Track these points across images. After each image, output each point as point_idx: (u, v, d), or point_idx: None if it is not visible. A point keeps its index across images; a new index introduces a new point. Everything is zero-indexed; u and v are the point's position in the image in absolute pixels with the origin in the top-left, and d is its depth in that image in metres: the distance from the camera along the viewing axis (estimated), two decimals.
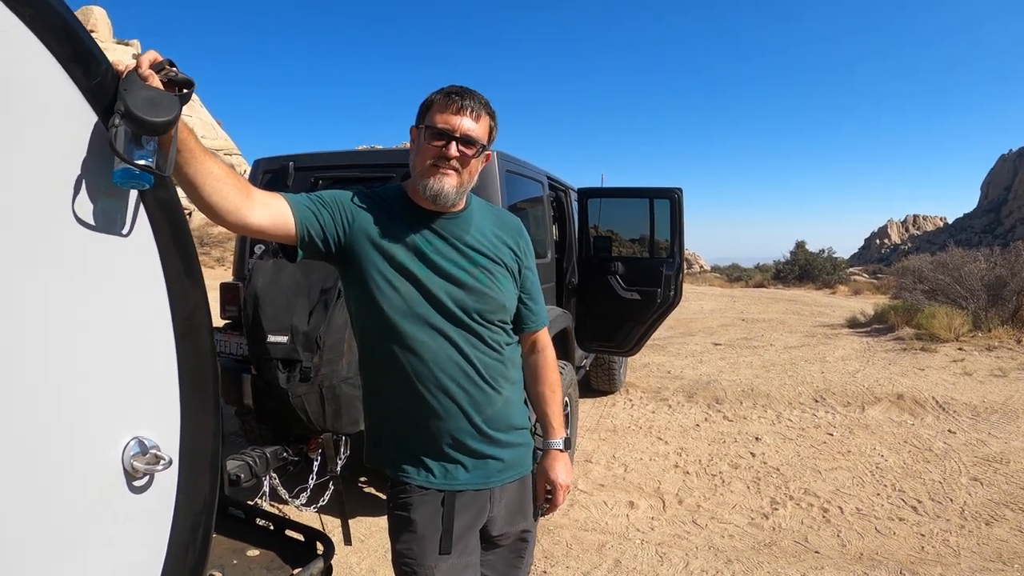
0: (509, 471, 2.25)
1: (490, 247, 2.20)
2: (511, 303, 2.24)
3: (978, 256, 16.73)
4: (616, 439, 7.16)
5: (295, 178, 5.39)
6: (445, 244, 2.13)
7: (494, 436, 2.18)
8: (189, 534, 1.64)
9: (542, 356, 2.44)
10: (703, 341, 13.97)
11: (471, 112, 2.06)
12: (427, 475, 2.13)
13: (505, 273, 2.22)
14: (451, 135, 2.03)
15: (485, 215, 2.27)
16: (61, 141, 1.32)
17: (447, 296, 2.08)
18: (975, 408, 8.15)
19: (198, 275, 1.61)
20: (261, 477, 3.96)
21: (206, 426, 1.65)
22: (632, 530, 5.01)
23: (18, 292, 1.24)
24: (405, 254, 2.08)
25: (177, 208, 1.56)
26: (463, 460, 2.15)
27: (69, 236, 1.33)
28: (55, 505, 1.34)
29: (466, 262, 2.13)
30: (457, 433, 2.12)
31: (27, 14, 1.23)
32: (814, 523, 5.10)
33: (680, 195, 7.14)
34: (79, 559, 1.40)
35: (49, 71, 1.28)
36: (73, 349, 1.35)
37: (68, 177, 1.33)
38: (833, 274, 36.58)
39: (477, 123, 2.08)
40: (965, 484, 5.85)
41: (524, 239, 2.35)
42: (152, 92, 1.46)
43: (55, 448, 1.33)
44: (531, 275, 2.35)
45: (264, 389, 3.99)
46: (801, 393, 9.03)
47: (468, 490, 2.16)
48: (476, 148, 2.08)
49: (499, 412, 2.18)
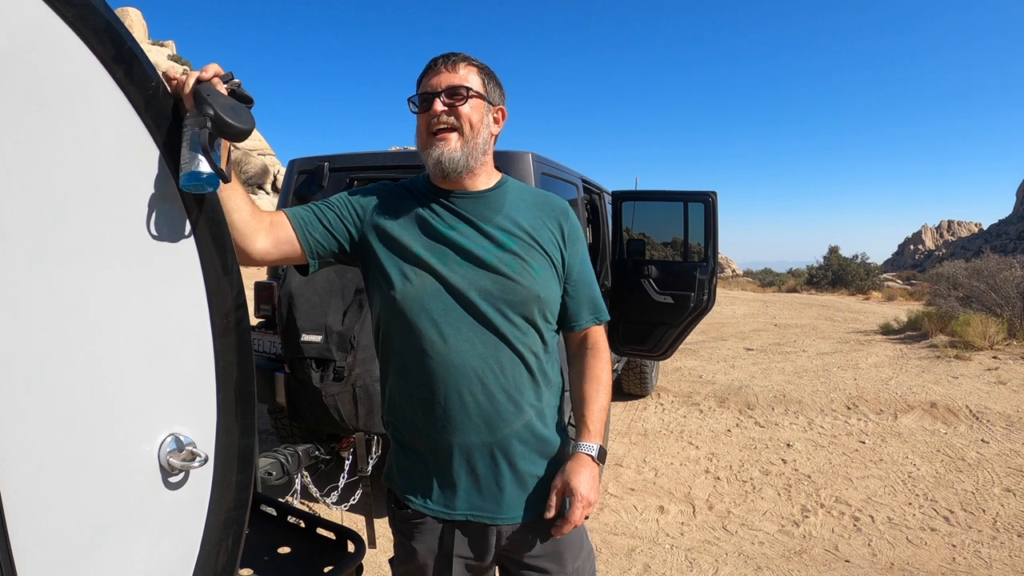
0: (530, 507, 1.96)
1: (524, 229, 1.98)
2: (547, 294, 1.96)
3: (1013, 263, 16.48)
4: (647, 443, 7.13)
5: (330, 179, 5.43)
6: (469, 227, 1.95)
7: (511, 461, 1.93)
8: (222, 530, 1.65)
9: (591, 353, 2.10)
10: (735, 346, 13.87)
11: (447, 66, 1.93)
12: (425, 500, 1.95)
13: (543, 259, 1.97)
14: (433, 93, 1.91)
15: (522, 195, 2.07)
16: (102, 141, 1.34)
17: (469, 285, 1.88)
18: (1009, 418, 8.03)
19: (236, 272, 1.63)
20: (293, 475, 3.99)
21: (241, 423, 1.66)
22: (662, 535, 4.99)
23: (62, 290, 1.26)
24: (422, 242, 1.93)
25: (215, 206, 1.57)
26: (468, 486, 1.92)
27: (111, 235, 1.35)
28: (92, 500, 1.35)
29: (492, 246, 1.93)
30: (464, 452, 1.90)
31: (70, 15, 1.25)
32: (845, 532, 5.05)
33: (715, 199, 7.11)
34: (115, 554, 1.41)
35: (93, 72, 1.30)
36: (113, 346, 1.37)
37: (110, 176, 1.35)
38: (866, 280, 36.31)
39: (457, 73, 1.93)
40: (998, 495, 5.77)
41: (570, 222, 2.09)
42: (231, 100, 1.50)
43: (94, 443, 1.34)
44: (580, 263, 2.09)
45: (297, 388, 4.03)
46: (833, 400, 8.94)
47: (472, 522, 1.94)
48: (461, 96, 1.91)
49: (518, 433, 1.92)
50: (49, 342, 1.25)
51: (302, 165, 5.67)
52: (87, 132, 1.30)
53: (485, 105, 1.98)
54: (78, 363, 1.30)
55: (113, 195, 1.35)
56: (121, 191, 1.37)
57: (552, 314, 2.02)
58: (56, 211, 1.25)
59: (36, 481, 1.24)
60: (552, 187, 5.37)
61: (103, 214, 1.33)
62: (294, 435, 5.56)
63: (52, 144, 1.24)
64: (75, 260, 1.28)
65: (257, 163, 39.66)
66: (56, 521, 1.29)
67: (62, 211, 1.26)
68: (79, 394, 1.31)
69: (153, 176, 1.43)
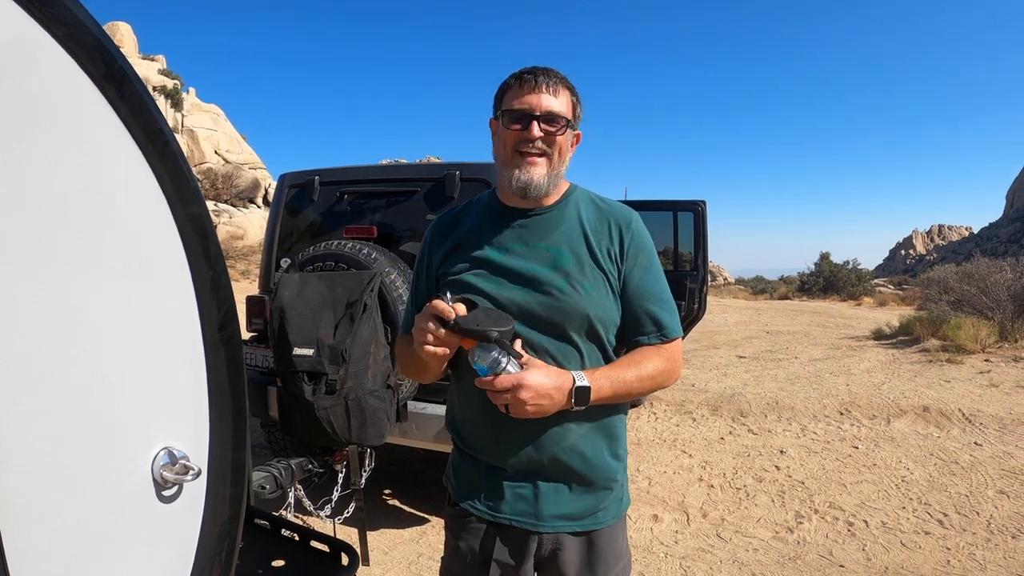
0: (573, 521, 1.97)
1: (580, 244, 1.94)
2: (599, 311, 1.92)
3: (1004, 266, 16.55)
4: (640, 452, 7.14)
5: (321, 192, 5.45)
6: (525, 247, 1.94)
7: (557, 476, 1.95)
8: (216, 543, 1.65)
9: (651, 349, 1.98)
10: (727, 354, 13.90)
11: (548, 87, 1.87)
12: (473, 500, 2.00)
13: (597, 275, 1.93)
14: (531, 114, 1.85)
15: (585, 208, 2.02)
16: (92, 159, 1.35)
17: (517, 309, 1.88)
18: (1002, 420, 8.06)
19: (227, 287, 1.64)
20: (286, 488, 3.99)
21: (234, 437, 1.67)
22: (656, 544, 5.00)
23: (53, 307, 1.27)
24: (475, 271, 1.94)
25: (207, 222, 1.59)
26: (515, 494, 1.95)
27: (103, 251, 1.36)
28: (86, 514, 1.36)
29: (543, 267, 1.91)
30: (514, 467, 1.94)
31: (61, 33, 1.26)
32: (839, 537, 5.07)
33: (704, 208, 7.14)
34: (109, 568, 1.42)
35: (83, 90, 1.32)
36: (106, 361, 1.38)
37: (100, 194, 1.36)
38: (858, 286, 36.41)
39: (557, 97, 1.88)
40: (991, 497, 5.79)
41: (632, 233, 2.00)
42: (481, 315, 1.79)
43: (88, 457, 1.35)
44: (641, 275, 1.99)
45: (290, 401, 4.03)
46: (826, 406, 8.97)
47: (516, 527, 1.96)
48: (560, 124, 1.87)
49: (565, 451, 1.92)
50: (42, 358, 1.26)
51: (293, 179, 5.68)
52: (77, 150, 1.31)
53: (572, 133, 1.97)
54: (71, 379, 1.31)
55: (104, 212, 1.37)
56: (112, 208, 1.38)
57: (606, 331, 1.97)
58: (48, 227, 1.26)
59: (30, 495, 1.25)
60: None
61: (95, 231, 1.35)
62: (287, 449, 5.56)
63: (41, 162, 1.25)
64: (66, 277, 1.29)
65: (248, 177, 39.70)
66: (50, 535, 1.29)
67: (54, 227, 1.27)
68: (72, 409, 1.32)
69: (143, 193, 1.44)
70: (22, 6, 1.20)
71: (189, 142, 41.23)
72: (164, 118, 1.50)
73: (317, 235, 5.43)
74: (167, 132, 1.49)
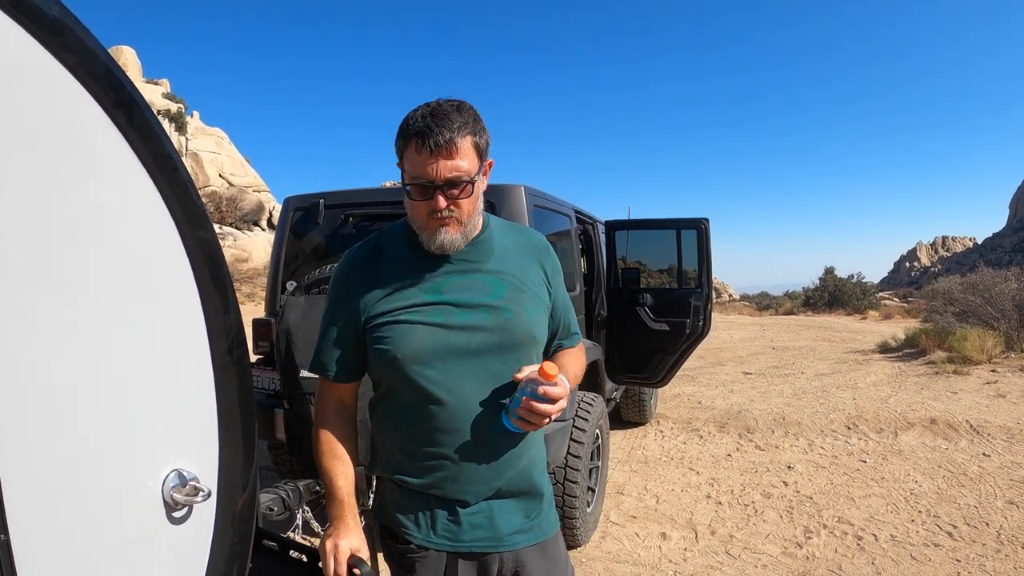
0: (527, 533, 1.99)
1: (515, 272, 1.97)
2: (541, 333, 1.99)
3: (1008, 276, 16.55)
4: (648, 470, 7.13)
5: (325, 216, 5.47)
6: (463, 276, 1.91)
7: (513, 498, 1.97)
8: (226, 565, 1.67)
9: (579, 351, 2.22)
10: (733, 370, 13.88)
11: (445, 149, 1.75)
12: (428, 533, 1.94)
13: (534, 300, 1.97)
14: (432, 185, 1.78)
15: (507, 236, 2.04)
16: (103, 185, 1.37)
17: (467, 338, 1.86)
18: (1010, 430, 8.05)
19: (235, 311, 1.66)
20: (294, 510, 3.98)
21: (243, 458, 1.69)
22: (665, 561, 4.98)
23: (65, 331, 1.29)
24: (416, 305, 1.88)
25: (215, 247, 1.61)
26: (473, 521, 1.93)
27: (115, 275, 1.38)
28: (97, 535, 1.38)
29: (486, 296, 1.90)
30: (472, 496, 1.92)
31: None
32: (848, 551, 5.05)
33: (707, 225, 7.16)
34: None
35: (94, 118, 1.34)
36: (117, 384, 1.40)
37: (111, 220, 1.38)
38: (863, 299, 36.32)
39: (456, 157, 1.76)
40: (1001, 508, 5.78)
41: (551, 258, 2.09)
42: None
43: (99, 479, 1.37)
44: (561, 291, 2.12)
45: (297, 423, 4.03)
46: (833, 420, 8.95)
47: (476, 553, 1.94)
48: (464, 186, 1.79)
49: (520, 473, 1.96)
50: (54, 382, 1.28)
51: (298, 202, 5.71)
52: (88, 177, 1.34)
53: (481, 180, 1.89)
54: (83, 402, 1.33)
55: (115, 238, 1.39)
56: (122, 234, 1.40)
57: (546, 347, 2.10)
58: (61, 252, 1.28)
59: (41, 516, 1.27)
60: (545, 219, 5.42)
61: (106, 255, 1.37)
62: (294, 470, 5.56)
63: (52, 189, 1.27)
64: (77, 300, 1.32)
65: (252, 200, 39.78)
66: (63, 556, 1.31)
67: (66, 252, 1.29)
68: (84, 432, 1.34)
69: (153, 219, 1.46)
70: (33, 35, 1.23)
71: (193, 165, 41.35)
72: (173, 144, 1.52)
73: (322, 258, 5.45)
74: (175, 158, 1.51)
